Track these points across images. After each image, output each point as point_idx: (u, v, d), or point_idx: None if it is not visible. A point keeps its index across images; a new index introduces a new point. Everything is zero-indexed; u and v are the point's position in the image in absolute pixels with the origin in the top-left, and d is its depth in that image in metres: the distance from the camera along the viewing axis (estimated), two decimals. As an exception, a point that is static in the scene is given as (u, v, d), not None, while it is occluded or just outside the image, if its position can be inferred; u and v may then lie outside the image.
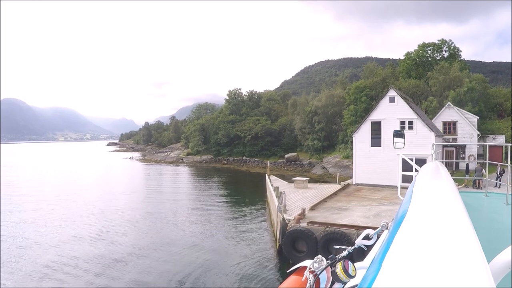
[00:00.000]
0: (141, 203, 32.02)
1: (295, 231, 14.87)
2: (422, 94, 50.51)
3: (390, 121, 26.91)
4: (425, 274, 0.78)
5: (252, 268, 15.25)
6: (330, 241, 13.98)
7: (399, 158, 7.20)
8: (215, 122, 78.41)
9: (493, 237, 3.66)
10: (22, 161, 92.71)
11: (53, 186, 43.23)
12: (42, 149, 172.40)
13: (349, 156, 48.69)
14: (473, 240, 1.04)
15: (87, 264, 16.29)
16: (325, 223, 15.15)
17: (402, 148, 6.38)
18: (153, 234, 21.29)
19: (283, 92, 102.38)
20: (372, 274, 0.99)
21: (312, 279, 1.82)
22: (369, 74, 60.51)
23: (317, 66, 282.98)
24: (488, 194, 7.19)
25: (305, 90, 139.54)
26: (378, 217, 16.23)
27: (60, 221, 24.75)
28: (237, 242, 19.35)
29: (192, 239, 20.02)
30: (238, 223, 23.61)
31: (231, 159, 71.65)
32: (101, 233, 21.64)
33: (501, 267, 1.20)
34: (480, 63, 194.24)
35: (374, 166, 26.57)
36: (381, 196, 21.99)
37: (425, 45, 60.90)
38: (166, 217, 25.64)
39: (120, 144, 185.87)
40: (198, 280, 14.31)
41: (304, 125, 62.27)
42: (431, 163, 4.10)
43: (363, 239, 2.29)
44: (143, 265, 16.04)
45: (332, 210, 18.26)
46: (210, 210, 28.16)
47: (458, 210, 1.46)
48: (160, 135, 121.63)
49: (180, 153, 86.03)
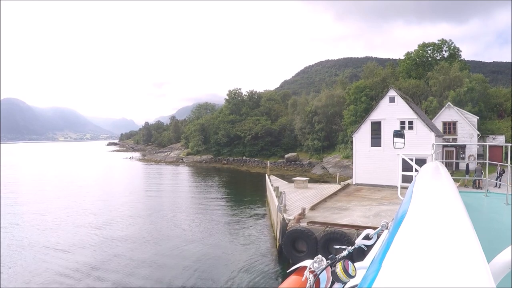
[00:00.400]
0: (141, 202, 32.03)
1: (295, 231, 14.87)
2: (422, 94, 50.51)
3: (390, 121, 26.91)
4: (425, 274, 0.78)
5: (253, 268, 15.25)
6: (330, 241, 13.98)
7: (399, 158, 7.19)
8: (215, 122, 78.40)
9: (493, 237, 3.65)
10: (22, 161, 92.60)
11: (53, 186, 43.19)
12: (42, 149, 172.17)
13: (349, 156, 48.69)
14: (473, 240, 1.04)
15: (87, 263, 16.25)
16: (325, 223, 15.14)
17: (402, 148, 6.37)
18: (153, 233, 21.31)
19: (283, 92, 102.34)
20: (372, 274, 0.98)
21: (312, 279, 1.82)
22: (369, 74, 60.50)
23: (317, 66, 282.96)
24: (488, 194, 7.18)
25: (305, 90, 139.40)
26: (378, 217, 16.23)
27: (60, 220, 24.78)
28: (237, 242, 19.36)
29: (192, 238, 20.05)
30: (238, 222, 23.62)
31: (231, 159, 71.65)
32: (101, 231, 21.70)
33: (501, 267, 1.20)
34: (480, 63, 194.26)
35: (374, 166, 26.56)
36: (381, 196, 21.99)
37: (425, 45, 60.88)
38: (166, 217, 25.66)
39: (120, 144, 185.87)
40: (198, 280, 14.31)
41: (304, 125, 62.27)
42: (431, 163, 4.10)
43: (363, 239, 2.29)
44: (142, 264, 16.03)
45: (332, 210, 18.26)
46: (210, 209, 28.17)
47: (458, 210, 1.46)
48: (160, 135, 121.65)
49: (180, 153, 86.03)
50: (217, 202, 31.71)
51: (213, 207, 29.41)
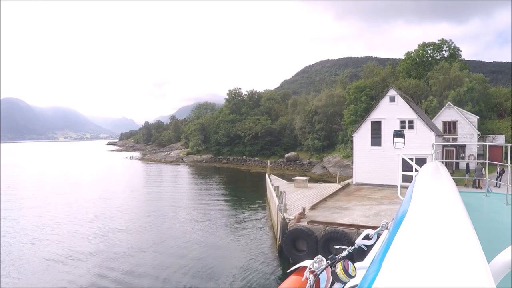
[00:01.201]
0: (141, 201, 32.12)
1: (296, 230, 14.89)
2: (422, 94, 50.54)
3: (390, 120, 26.95)
4: (425, 274, 0.78)
5: (253, 267, 15.28)
6: (331, 240, 14.01)
7: (399, 158, 7.16)
8: (215, 121, 78.45)
9: (493, 237, 3.66)
10: (22, 160, 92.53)
11: (53, 185, 43.23)
12: (42, 149, 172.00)
13: (349, 156, 48.73)
14: (473, 240, 1.04)
15: (87, 262, 16.30)
16: (325, 222, 15.17)
17: (402, 148, 6.36)
18: (153, 232, 21.39)
19: (283, 91, 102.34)
20: (372, 274, 0.98)
21: (312, 279, 1.82)
22: (369, 74, 60.54)
23: (317, 65, 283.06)
24: (488, 194, 7.18)
25: (305, 89, 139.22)
26: (378, 216, 16.26)
27: (61, 218, 24.88)
28: (237, 241, 19.40)
29: (193, 237, 20.10)
30: (238, 222, 23.66)
31: (231, 158, 71.71)
32: (101, 229, 21.83)
33: (501, 267, 1.20)
34: (480, 63, 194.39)
35: (374, 165, 26.60)
36: (381, 196, 22.02)
37: (425, 45, 60.94)
38: (167, 215, 25.75)
39: (120, 143, 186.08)
40: (199, 280, 14.34)
41: (304, 124, 62.31)
42: (431, 163, 4.10)
43: (363, 239, 2.29)
44: (142, 262, 16.06)
45: (332, 209, 18.28)
46: (210, 208, 28.24)
47: (458, 210, 1.46)
48: (160, 134, 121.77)
49: (180, 152, 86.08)
50: (217, 201, 31.77)
51: (214, 206, 29.47)
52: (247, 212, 26.64)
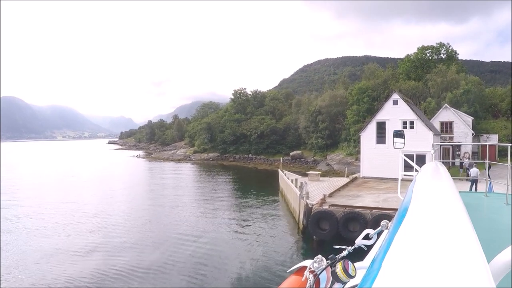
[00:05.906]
0: (157, 198, 33.15)
1: (319, 212, 17.88)
2: (421, 95, 53.52)
3: (393, 121, 30.10)
4: (425, 274, 0.77)
5: (284, 245, 18.26)
6: (349, 220, 16.99)
7: (400, 158, 7.13)
8: (221, 120, 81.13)
9: (493, 237, 3.72)
10: (22, 160, 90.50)
11: (61, 185, 42.95)
12: (42, 148, 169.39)
13: (351, 154, 51.86)
14: (473, 240, 1.03)
15: (87, 261, 16.33)
16: (344, 205, 18.23)
17: (402, 148, 6.44)
18: (170, 226, 22.54)
19: (285, 91, 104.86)
20: (372, 274, 0.97)
21: (312, 279, 1.78)
22: (370, 76, 63.67)
23: (316, 64, 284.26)
24: (488, 194, 7.25)
25: (304, 88, 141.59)
26: (386, 202, 19.32)
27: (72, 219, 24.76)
28: (262, 228, 22.13)
29: (227, 228, 22.00)
30: (258, 212, 26.24)
31: (237, 156, 74.39)
32: (106, 227, 22.17)
33: (501, 267, 1.17)
34: (478, 63, 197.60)
35: (379, 161, 29.71)
36: (387, 187, 25.05)
37: (424, 48, 64.26)
38: (184, 210, 27.15)
39: (121, 142, 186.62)
40: (256, 255, 17.04)
41: (308, 124, 65.03)
42: (431, 163, 4.07)
43: (363, 239, 2.27)
44: (156, 257, 16.72)
45: (346, 197, 21.34)
46: (224, 203, 30.48)
47: (458, 210, 1.44)
48: (163, 133, 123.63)
49: (186, 151, 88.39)
50: (231, 195, 34.37)
51: (229, 199, 32.19)
52: (264, 204, 29.11)
